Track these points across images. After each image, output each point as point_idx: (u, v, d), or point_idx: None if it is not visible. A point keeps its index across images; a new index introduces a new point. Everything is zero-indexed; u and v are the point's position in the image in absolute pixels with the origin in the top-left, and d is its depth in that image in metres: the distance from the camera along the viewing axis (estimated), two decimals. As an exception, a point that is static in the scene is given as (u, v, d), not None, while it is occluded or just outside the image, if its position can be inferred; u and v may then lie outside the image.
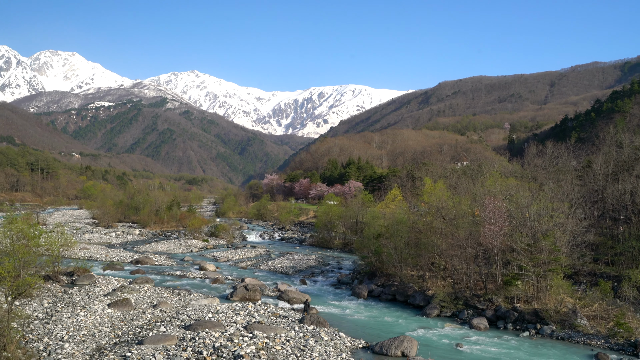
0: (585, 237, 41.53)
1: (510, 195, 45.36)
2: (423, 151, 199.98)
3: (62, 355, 26.09)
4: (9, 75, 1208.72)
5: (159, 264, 60.42)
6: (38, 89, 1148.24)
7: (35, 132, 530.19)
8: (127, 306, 36.41)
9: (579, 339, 31.78)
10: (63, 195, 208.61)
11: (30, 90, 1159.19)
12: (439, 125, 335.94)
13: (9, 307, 27.20)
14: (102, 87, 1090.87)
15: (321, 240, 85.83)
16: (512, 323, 35.14)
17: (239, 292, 42.44)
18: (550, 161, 68.52)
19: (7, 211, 71.68)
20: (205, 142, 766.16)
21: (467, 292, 39.88)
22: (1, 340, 23.74)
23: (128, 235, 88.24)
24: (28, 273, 35.08)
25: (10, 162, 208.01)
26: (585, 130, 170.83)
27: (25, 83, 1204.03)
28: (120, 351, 26.96)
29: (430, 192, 51.82)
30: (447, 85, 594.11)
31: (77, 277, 45.45)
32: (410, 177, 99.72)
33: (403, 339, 29.41)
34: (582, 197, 49.57)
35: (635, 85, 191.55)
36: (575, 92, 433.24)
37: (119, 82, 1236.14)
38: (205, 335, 29.27)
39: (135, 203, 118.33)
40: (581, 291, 37.68)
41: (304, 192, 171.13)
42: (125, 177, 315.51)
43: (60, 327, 30.63)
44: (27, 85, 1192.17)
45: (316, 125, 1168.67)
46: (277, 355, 27.09)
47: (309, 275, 55.92)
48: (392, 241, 47.43)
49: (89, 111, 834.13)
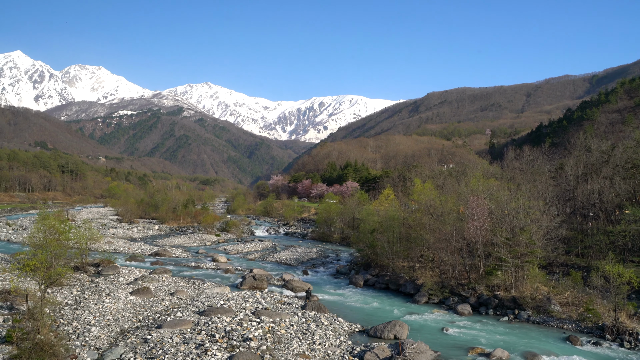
0: (558, 231, 41.63)
1: (491, 194, 45.34)
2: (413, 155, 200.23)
3: (89, 338, 26.11)
4: (42, 87, 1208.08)
5: (176, 256, 60.39)
6: (68, 100, 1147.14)
7: (66, 138, 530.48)
8: (148, 294, 36.43)
9: (552, 323, 31.77)
10: (90, 195, 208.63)
11: (61, 100, 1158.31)
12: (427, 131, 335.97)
13: (42, 295, 27.22)
14: (125, 98, 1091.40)
15: (321, 234, 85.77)
16: (492, 309, 35.12)
17: (247, 282, 42.43)
18: (527, 164, 68.48)
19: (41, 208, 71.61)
20: (217, 147, 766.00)
21: (453, 281, 39.86)
22: (35, 324, 23.77)
23: (148, 230, 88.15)
24: (59, 264, 35.11)
25: (43, 165, 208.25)
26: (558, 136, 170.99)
27: (57, 94, 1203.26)
28: (141, 334, 26.98)
29: (419, 192, 51.81)
30: (435, 96, 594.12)
31: (103, 267, 45.47)
32: (401, 178, 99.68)
33: (395, 323, 29.41)
34: (556, 196, 49.58)
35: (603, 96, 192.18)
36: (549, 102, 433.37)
37: (141, 93, 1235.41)
38: (217, 320, 29.28)
39: (154, 201, 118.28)
40: (554, 280, 37.68)
41: (306, 192, 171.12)
42: (146, 178, 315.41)
43: (88, 312, 30.63)
44: (58, 96, 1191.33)
45: (317, 131, 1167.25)
46: (282, 338, 27.09)
47: (310, 267, 55.89)
48: (385, 235, 47.42)
49: (114, 119, 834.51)
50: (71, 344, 24.64)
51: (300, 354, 24.87)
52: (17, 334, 23.13)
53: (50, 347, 22.01)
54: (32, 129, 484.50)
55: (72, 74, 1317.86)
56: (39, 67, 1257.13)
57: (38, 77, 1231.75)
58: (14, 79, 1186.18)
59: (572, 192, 52.85)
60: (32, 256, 31.45)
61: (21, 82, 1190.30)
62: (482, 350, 26.53)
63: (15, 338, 23.00)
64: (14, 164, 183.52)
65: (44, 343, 22.11)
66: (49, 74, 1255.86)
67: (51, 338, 23.15)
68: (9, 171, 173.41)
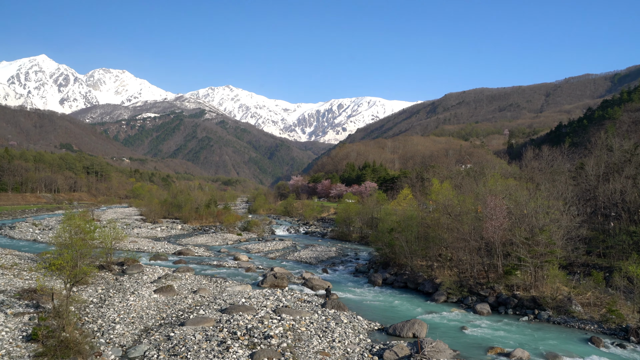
0: (578, 231, 40.86)
1: (509, 194, 44.72)
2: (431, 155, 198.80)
3: (113, 335, 26.30)
4: (67, 90, 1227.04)
5: (198, 255, 60.72)
6: (93, 102, 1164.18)
7: (91, 140, 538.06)
8: (171, 292, 36.62)
9: (573, 324, 31.14)
10: (115, 195, 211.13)
11: (86, 103, 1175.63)
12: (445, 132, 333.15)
13: (68, 293, 27.52)
14: (148, 101, 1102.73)
15: (341, 234, 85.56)
16: (512, 309, 34.59)
17: (268, 280, 42.45)
18: (546, 163, 67.44)
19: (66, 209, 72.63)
20: (238, 148, 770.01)
21: (471, 280, 39.38)
22: (61, 322, 24.02)
23: (171, 230, 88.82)
24: (84, 263, 35.44)
25: (69, 166, 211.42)
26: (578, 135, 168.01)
27: (82, 97, 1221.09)
28: (164, 332, 27.11)
29: (437, 192, 51.31)
30: (453, 97, 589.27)
31: (127, 266, 45.84)
32: (419, 178, 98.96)
33: (414, 322, 29.12)
34: (576, 196, 48.72)
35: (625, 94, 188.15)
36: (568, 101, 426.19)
37: (163, 96, 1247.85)
38: (239, 318, 29.30)
39: (177, 201, 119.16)
40: (575, 280, 36.99)
41: (325, 192, 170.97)
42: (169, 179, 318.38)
43: (112, 310, 30.87)
44: (83, 99, 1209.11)
45: (336, 132, 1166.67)
46: (302, 335, 27.00)
47: (330, 265, 55.76)
48: (404, 235, 47.10)
49: (137, 121, 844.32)
50: (96, 342, 24.85)
51: (320, 351, 24.74)
52: (43, 332, 23.38)
53: (75, 345, 22.22)
54: (58, 131, 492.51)
55: (96, 77, 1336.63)
56: (64, 71, 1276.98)
57: (63, 80, 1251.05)
58: (39, 83, 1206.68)
59: (593, 191, 51.89)
60: (58, 255, 31.83)
61: (46, 85, 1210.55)
62: (502, 350, 26.08)
63: (41, 336, 23.25)
64: (40, 165, 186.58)
65: (69, 341, 22.32)
66: (74, 77, 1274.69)
67: (76, 336, 23.38)
68: (35, 172, 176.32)
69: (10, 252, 52.71)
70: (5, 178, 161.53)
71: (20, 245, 63.13)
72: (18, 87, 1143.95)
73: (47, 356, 21.49)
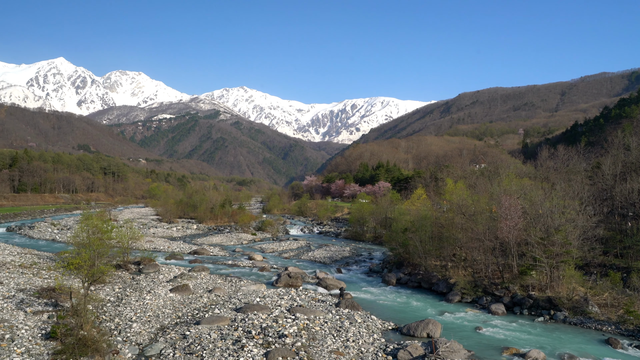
0: (595, 231, 40.30)
1: (524, 193, 44.29)
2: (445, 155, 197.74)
3: (130, 334, 26.51)
4: (84, 92, 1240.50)
5: (213, 254, 60.97)
6: (109, 104, 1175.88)
7: (108, 141, 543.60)
8: (187, 291, 36.81)
9: (590, 325, 30.73)
10: (131, 195, 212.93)
11: (103, 105, 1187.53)
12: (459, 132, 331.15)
13: (86, 292, 27.80)
14: (164, 102, 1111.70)
15: (354, 234, 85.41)
16: (527, 309, 34.24)
17: (283, 279, 42.50)
18: (561, 163, 66.62)
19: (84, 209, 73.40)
20: (253, 149, 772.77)
21: (486, 280, 39.07)
22: (79, 321, 24.28)
23: (187, 230, 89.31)
24: (102, 262, 35.82)
25: (86, 167, 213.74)
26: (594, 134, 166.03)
27: (99, 99, 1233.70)
28: (180, 330, 27.27)
29: (451, 191, 51.04)
30: (466, 96, 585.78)
31: (144, 265, 46.17)
32: (433, 178, 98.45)
33: (428, 322, 28.95)
34: (592, 196, 48.05)
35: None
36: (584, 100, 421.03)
37: (179, 97, 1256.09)
38: (253, 317, 29.37)
39: (193, 202, 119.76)
40: (592, 281, 36.52)
41: (339, 192, 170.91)
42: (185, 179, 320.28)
43: (129, 309, 31.12)
44: (100, 101, 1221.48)
45: (349, 133, 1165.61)
46: (317, 335, 26.99)
47: (344, 265, 55.68)
48: (418, 235, 46.88)
49: (153, 123, 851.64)
50: (113, 340, 25.07)
51: (334, 350, 24.71)
52: (62, 330, 23.64)
53: (93, 343, 22.43)
54: (75, 132, 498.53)
55: (113, 79, 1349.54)
56: (81, 73, 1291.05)
57: (80, 82, 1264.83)
58: (57, 85, 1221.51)
59: (610, 191, 51.14)
60: (76, 255, 32.20)
61: (64, 87, 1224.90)
62: (517, 351, 25.82)
63: (60, 334, 23.52)
64: (58, 166, 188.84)
65: (87, 339, 22.54)
66: (91, 79, 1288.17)
67: (94, 334, 23.60)
68: (53, 173, 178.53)
69: (29, 251, 53.46)
70: (24, 179, 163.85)
71: (40, 244, 63.96)
72: (37, 89, 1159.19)
73: (65, 354, 21.71)
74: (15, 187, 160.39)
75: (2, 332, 23.65)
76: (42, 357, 21.79)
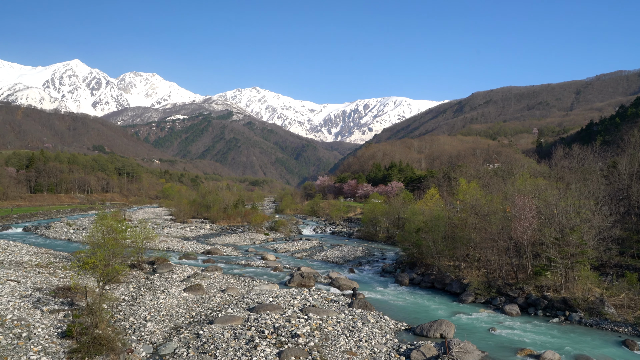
0: (611, 232, 39.79)
1: (539, 193, 43.88)
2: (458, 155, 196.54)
3: (144, 333, 26.68)
4: (99, 93, 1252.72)
5: (226, 254, 61.19)
6: (124, 105, 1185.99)
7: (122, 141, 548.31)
8: (200, 291, 36.97)
9: (606, 326, 30.34)
10: (145, 195, 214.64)
11: (117, 106, 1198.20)
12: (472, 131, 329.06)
13: (100, 291, 28.03)
14: (177, 103, 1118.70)
15: (367, 234, 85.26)
16: (542, 310, 33.90)
17: (295, 279, 42.54)
18: (576, 162, 65.85)
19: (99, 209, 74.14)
20: (265, 149, 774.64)
21: (500, 281, 38.77)
22: (94, 320, 24.48)
23: (200, 230, 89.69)
24: (116, 262, 36.03)
25: (101, 168, 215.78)
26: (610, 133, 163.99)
27: (113, 100, 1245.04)
28: (194, 329, 27.41)
29: (464, 191, 50.73)
30: (480, 96, 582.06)
31: (158, 265, 46.40)
32: (446, 178, 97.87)
33: (441, 322, 28.79)
34: (608, 195, 47.45)
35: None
36: (600, 99, 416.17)
37: (192, 98, 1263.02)
38: (266, 317, 29.42)
39: (206, 202, 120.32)
40: (608, 282, 36.06)
41: (351, 192, 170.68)
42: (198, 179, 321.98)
43: (144, 308, 31.32)
44: (114, 102, 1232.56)
45: (362, 133, 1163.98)
46: (329, 335, 26.96)
47: (356, 265, 55.59)
48: (431, 235, 46.66)
49: (167, 123, 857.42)
50: (127, 339, 25.26)
51: (347, 351, 24.67)
52: (77, 329, 23.85)
53: (108, 342, 22.61)
54: (91, 133, 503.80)
55: (127, 80, 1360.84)
56: (96, 75, 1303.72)
57: (95, 84, 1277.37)
58: (72, 87, 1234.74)
59: (626, 191, 50.48)
60: (91, 254, 32.44)
61: (79, 89, 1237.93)
62: (532, 352, 25.57)
63: (75, 333, 23.74)
64: (73, 167, 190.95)
65: (102, 337, 22.72)
66: (106, 81, 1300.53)
67: (109, 333, 23.79)
68: (69, 174, 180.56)
69: (46, 251, 54.06)
70: (41, 179, 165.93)
71: (56, 244, 64.66)
72: (53, 91, 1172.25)
73: (80, 352, 21.91)
74: (32, 187, 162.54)
75: (19, 331, 23.92)
76: (58, 355, 22.01)
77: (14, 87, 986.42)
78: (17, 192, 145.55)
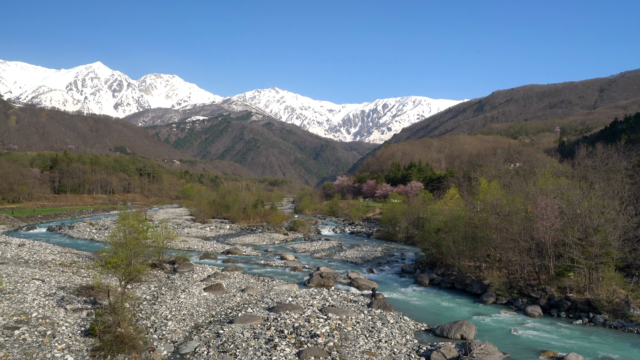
0: (636, 232, 38.92)
1: (561, 193, 43.23)
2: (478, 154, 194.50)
3: (166, 332, 26.96)
4: (121, 95, 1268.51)
5: (246, 254, 61.47)
6: (145, 107, 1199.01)
7: (143, 142, 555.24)
8: (220, 290, 37.21)
9: (632, 329, 29.74)
10: (166, 196, 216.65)
11: (138, 107, 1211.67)
12: (493, 130, 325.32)
13: (123, 290, 28.41)
14: (197, 104, 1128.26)
15: (386, 234, 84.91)
16: (565, 311, 33.38)
17: (314, 279, 42.57)
18: (600, 161, 64.70)
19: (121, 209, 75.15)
20: (284, 149, 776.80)
21: (521, 282, 38.27)
22: (116, 318, 24.81)
23: (220, 230, 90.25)
24: (138, 261, 36.49)
25: (122, 168, 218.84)
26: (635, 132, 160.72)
27: (134, 102, 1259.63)
28: (214, 329, 27.61)
29: (485, 191, 50.19)
30: (500, 94, 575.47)
31: (178, 265, 46.79)
32: (466, 178, 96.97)
33: (462, 323, 28.55)
34: (633, 195, 46.51)
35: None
36: (624, 96, 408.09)
37: (212, 99, 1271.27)
38: (286, 317, 29.50)
39: (226, 202, 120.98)
40: (633, 283, 35.36)
41: (370, 192, 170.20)
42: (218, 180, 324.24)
43: (165, 307, 31.63)
44: (135, 104, 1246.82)
45: (381, 132, 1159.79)
46: (349, 335, 26.93)
47: (376, 265, 55.40)
48: (451, 235, 46.28)
49: (187, 124, 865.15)
50: (149, 337, 25.55)
51: (366, 351, 24.61)
52: (100, 327, 24.22)
53: (130, 340, 22.90)
54: (112, 134, 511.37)
55: (148, 82, 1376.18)
56: (118, 77, 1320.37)
57: (117, 86, 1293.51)
58: (95, 89, 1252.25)
59: (652, 190, 49.41)
60: (113, 254, 32.87)
61: (101, 91, 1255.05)
62: (555, 354, 25.18)
63: (98, 331, 24.10)
64: (96, 168, 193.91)
65: (124, 336, 23.02)
66: (127, 83, 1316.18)
67: (131, 331, 24.08)
68: (91, 174, 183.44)
69: (69, 250, 54.96)
70: (64, 180, 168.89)
71: (79, 244, 65.70)
72: (75, 93, 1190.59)
73: (103, 350, 22.23)
74: (56, 188, 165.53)
75: (44, 329, 24.36)
76: (81, 353, 22.37)
77: (38, 90, 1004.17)
78: (41, 193, 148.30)
